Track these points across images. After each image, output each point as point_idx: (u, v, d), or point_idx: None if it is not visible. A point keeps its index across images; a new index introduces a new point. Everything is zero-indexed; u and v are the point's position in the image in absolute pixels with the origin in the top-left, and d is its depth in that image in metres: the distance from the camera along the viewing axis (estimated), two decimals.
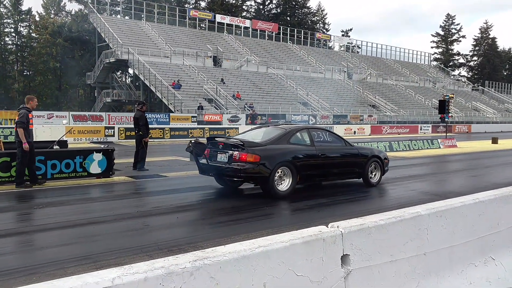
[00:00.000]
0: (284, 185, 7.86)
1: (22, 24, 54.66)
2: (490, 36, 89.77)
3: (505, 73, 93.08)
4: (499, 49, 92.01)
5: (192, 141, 8.33)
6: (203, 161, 8.22)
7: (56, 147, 9.97)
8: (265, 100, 40.24)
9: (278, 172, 7.75)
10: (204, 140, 8.62)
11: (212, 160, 8.08)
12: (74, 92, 55.93)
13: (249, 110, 35.36)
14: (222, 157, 7.91)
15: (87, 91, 54.43)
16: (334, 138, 9.30)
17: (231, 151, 7.76)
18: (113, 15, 50.39)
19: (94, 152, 9.89)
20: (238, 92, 39.14)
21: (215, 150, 8.13)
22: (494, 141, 25.24)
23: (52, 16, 56.48)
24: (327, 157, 8.58)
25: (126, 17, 49.71)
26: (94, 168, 9.80)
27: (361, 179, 9.45)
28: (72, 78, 50.99)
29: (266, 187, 7.74)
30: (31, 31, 54.40)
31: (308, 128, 9.08)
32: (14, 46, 54.41)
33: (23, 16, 54.46)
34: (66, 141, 11.22)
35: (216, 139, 8.45)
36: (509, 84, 79.51)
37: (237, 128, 28.66)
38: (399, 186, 9.81)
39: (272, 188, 7.67)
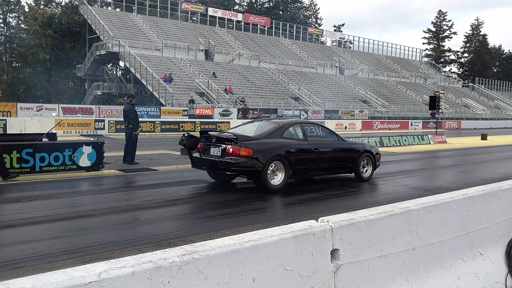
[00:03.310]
0: (277, 179, 7.85)
1: (11, 15, 53.97)
2: (481, 33, 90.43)
3: (495, 70, 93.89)
4: (490, 46, 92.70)
5: (186, 135, 8.29)
6: (196, 154, 8.19)
7: (45, 139, 9.85)
8: (257, 95, 40.19)
9: (271, 166, 7.74)
10: (197, 134, 8.59)
11: (205, 153, 8.06)
12: (64, 85, 55.37)
13: (241, 104, 35.29)
14: (215, 151, 7.89)
15: (77, 84, 53.88)
16: (327, 133, 9.31)
17: (224, 145, 7.73)
18: (104, 7, 49.90)
19: (84, 145, 9.79)
20: (230, 86, 39.03)
21: (208, 144, 8.10)
22: (483, 137, 25.49)
23: (41, 7, 55.70)
24: (320, 152, 8.60)
25: (117, 9, 49.22)
26: (84, 161, 9.71)
27: (353, 173, 9.49)
28: (62, 70, 50.51)
29: (259, 181, 7.73)
30: (20, 22, 53.69)
31: (301, 122, 9.08)
32: (3, 37, 53.67)
33: (12, 6, 53.71)
34: (55, 133, 11.09)
35: (209, 132, 8.44)
36: (499, 81, 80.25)
37: (229, 122, 28.60)
38: (389, 181, 9.86)
39: (265, 182, 7.66)
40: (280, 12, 73.45)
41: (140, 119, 12.43)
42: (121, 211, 6.43)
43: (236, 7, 72.42)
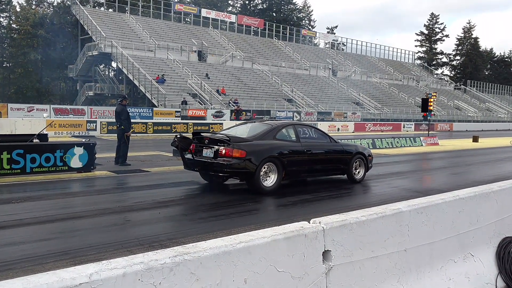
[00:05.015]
0: (270, 181, 7.86)
1: (2, 15, 53.42)
2: (473, 36, 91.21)
3: (486, 73, 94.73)
4: (481, 49, 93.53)
5: (178, 136, 8.27)
6: (189, 156, 8.17)
7: (36, 140, 9.76)
8: (250, 96, 40.18)
9: (264, 168, 7.74)
10: (189, 135, 8.57)
11: (198, 155, 8.04)
12: (55, 85, 54.89)
13: (234, 106, 35.26)
14: (207, 152, 7.88)
15: (69, 84, 53.46)
16: (320, 134, 9.34)
17: (217, 146, 7.72)
18: (97, 7, 49.59)
19: (75, 146, 9.73)
20: (223, 87, 38.99)
21: (200, 145, 8.08)
22: (475, 139, 25.69)
23: (33, 7, 55.27)
24: (312, 154, 8.62)
25: (110, 10, 49.00)
26: (75, 163, 9.64)
27: (346, 175, 9.51)
28: (53, 70, 50.07)
29: (251, 182, 7.73)
30: (11, 22, 53.17)
31: (294, 124, 9.10)
32: None
33: (3, 6, 53.22)
34: (47, 134, 11.00)
35: (202, 134, 8.42)
36: (490, 84, 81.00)
37: (221, 123, 28.56)
38: (381, 183, 9.90)
39: (257, 184, 7.66)
40: (274, 13, 73.54)
41: (132, 120, 12.40)
42: (112, 212, 6.39)
43: (230, 9, 72.45)
